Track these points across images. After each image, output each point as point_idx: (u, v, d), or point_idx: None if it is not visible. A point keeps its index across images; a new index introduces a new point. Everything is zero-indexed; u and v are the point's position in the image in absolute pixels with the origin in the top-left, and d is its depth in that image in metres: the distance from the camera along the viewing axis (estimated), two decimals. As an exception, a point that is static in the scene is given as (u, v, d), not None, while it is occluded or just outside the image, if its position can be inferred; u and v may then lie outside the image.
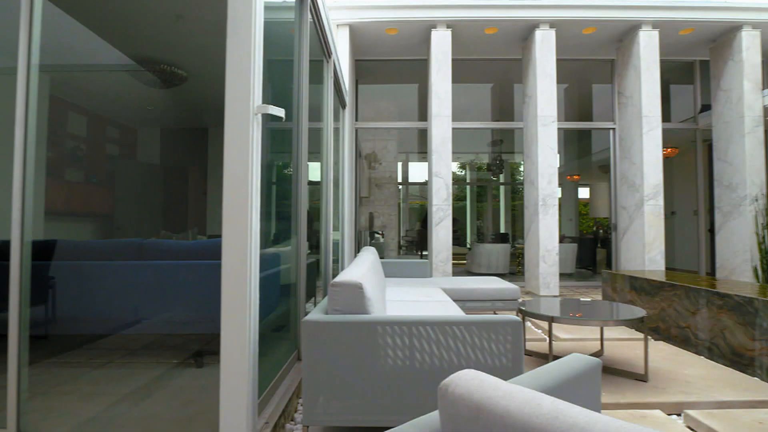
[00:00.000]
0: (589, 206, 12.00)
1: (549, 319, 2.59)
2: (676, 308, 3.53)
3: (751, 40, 5.87)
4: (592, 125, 6.98)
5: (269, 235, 2.76)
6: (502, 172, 12.21)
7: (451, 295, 3.82)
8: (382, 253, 9.90)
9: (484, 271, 8.16)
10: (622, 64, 6.39)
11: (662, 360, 3.04)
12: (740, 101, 5.83)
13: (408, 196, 14.41)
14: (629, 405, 2.28)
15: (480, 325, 1.61)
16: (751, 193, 5.67)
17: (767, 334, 2.70)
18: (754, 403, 2.33)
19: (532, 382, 0.89)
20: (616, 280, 4.43)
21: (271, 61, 2.71)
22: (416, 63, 7.10)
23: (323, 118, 4.44)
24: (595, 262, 8.81)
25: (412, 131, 8.77)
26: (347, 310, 1.67)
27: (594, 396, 1.09)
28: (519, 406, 0.53)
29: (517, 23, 5.96)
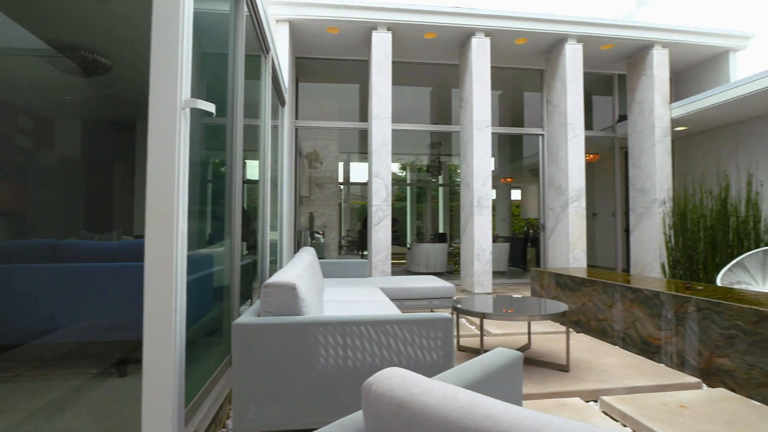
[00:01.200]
0: (520, 207, 12.66)
1: (480, 315, 2.70)
2: (595, 302, 3.81)
3: (661, 58, 6.47)
4: (523, 131, 7.36)
5: (201, 236, 2.64)
6: (441, 173, 12.55)
7: (390, 295, 3.86)
8: (322, 253, 9.81)
9: (423, 270, 8.34)
10: (550, 74, 6.80)
11: (582, 351, 3.28)
12: (651, 113, 6.42)
13: (349, 196, 14.40)
14: (552, 394, 2.43)
15: (413, 324, 1.65)
16: (660, 196, 6.26)
17: (671, 324, 2.99)
18: (659, 387, 2.58)
19: (458, 377, 0.93)
20: (543, 277, 4.71)
21: (204, 53, 2.60)
22: (357, 63, 7.12)
23: (261, 116, 4.32)
24: (525, 260, 9.30)
25: (353, 131, 8.76)
26: (280, 312, 1.64)
27: (516, 386, 1.16)
28: (438, 401, 0.55)
29: (454, 30, 6.15)
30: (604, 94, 7.91)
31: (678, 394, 2.44)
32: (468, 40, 6.32)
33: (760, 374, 2.38)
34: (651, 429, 2.01)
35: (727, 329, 2.58)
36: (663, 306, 3.07)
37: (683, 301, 2.90)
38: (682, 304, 2.91)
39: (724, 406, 2.28)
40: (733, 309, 2.56)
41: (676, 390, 2.55)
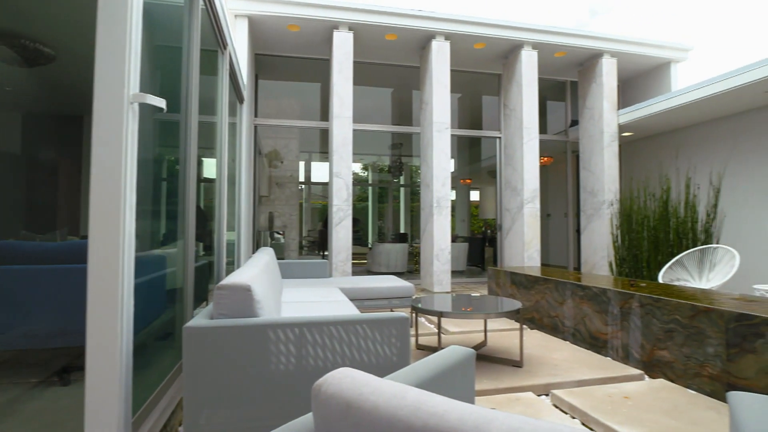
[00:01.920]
0: (479, 208, 12.96)
1: (438, 314, 2.75)
2: (547, 300, 3.96)
3: (609, 67, 6.81)
4: (481, 133, 7.54)
5: (153, 236, 2.54)
6: (402, 174, 12.65)
7: (349, 295, 3.86)
8: (282, 254, 9.66)
9: (384, 270, 8.37)
10: (507, 78, 7.00)
11: (536, 347, 3.39)
12: (601, 118, 6.73)
13: (310, 195, 14.25)
14: (506, 389, 2.50)
15: (369, 324, 1.65)
16: (608, 198, 6.58)
17: (617, 319, 3.15)
18: (605, 380, 2.71)
19: (411, 376, 0.94)
20: (499, 276, 4.84)
21: (156, 46, 2.50)
22: (319, 62, 7.06)
23: (217, 112, 4.21)
24: (483, 259, 9.52)
25: (314, 130, 8.68)
26: (235, 314, 1.60)
27: (469, 383, 1.18)
28: (386, 400, 0.56)
29: (415, 32, 6.22)
30: (557, 100, 8.23)
31: (622, 385, 2.58)
32: (428, 42, 6.41)
33: (695, 365, 2.55)
34: (597, 420, 2.11)
35: (667, 323, 2.75)
36: (610, 302, 3.23)
37: (628, 297, 3.07)
38: (627, 300, 3.07)
39: (664, 395, 2.42)
40: (672, 304, 2.72)
41: (621, 382, 2.69)
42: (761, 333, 2.22)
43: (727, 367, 2.37)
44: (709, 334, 2.49)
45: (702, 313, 2.53)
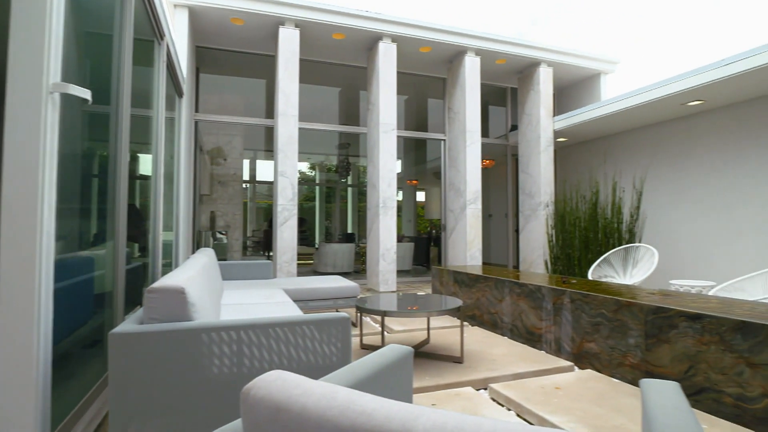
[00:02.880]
0: (425, 208, 13.21)
1: (382, 313, 2.77)
2: (487, 297, 4.11)
3: (546, 75, 7.18)
4: (427, 135, 7.69)
5: (78, 237, 2.36)
6: (350, 174, 12.63)
7: (294, 296, 3.80)
8: (224, 255, 9.33)
9: (330, 270, 8.32)
10: (451, 83, 7.19)
11: (476, 343, 3.51)
12: (538, 124, 7.09)
13: (255, 195, 13.87)
14: (446, 385, 2.57)
15: (310, 324, 1.64)
16: (544, 200, 6.94)
17: (550, 314, 3.33)
18: (539, 372, 2.85)
19: (348, 376, 0.94)
20: (442, 275, 4.96)
21: (83, 33, 2.33)
22: (264, 58, 6.89)
23: (154, 106, 3.99)
24: (429, 259, 9.72)
25: (259, 128, 8.46)
26: (167, 318, 1.53)
27: (406, 380, 1.21)
28: (315, 401, 0.56)
29: (362, 33, 6.23)
30: (499, 105, 8.56)
31: (554, 377, 2.73)
32: (376, 44, 6.44)
33: (619, 355, 2.75)
34: (530, 410, 2.22)
35: (594, 317, 2.95)
36: (544, 299, 3.41)
37: (560, 293, 3.25)
38: (559, 296, 3.25)
39: (591, 385, 2.59)
40: (599, 299, 2.92)
41: (553, 374, 2.85)
42: (675, 324, 2.43)
43: (646, 356, 2.58)
44: (631, 326, 2.69)
45: (625, 307, 2.74)
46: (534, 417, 2.19)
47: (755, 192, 5.31)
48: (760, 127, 5.28)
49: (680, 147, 6.24)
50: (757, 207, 5.27)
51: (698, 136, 6.00)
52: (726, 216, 5.61)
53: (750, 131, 5.39)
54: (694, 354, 2.33)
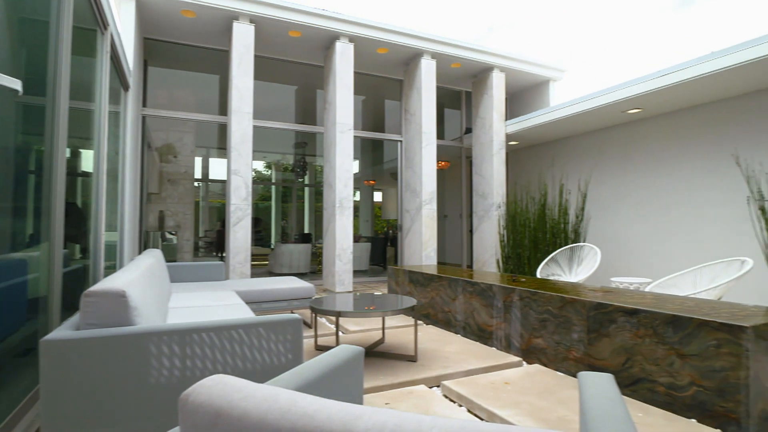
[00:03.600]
0: (382, 209, 13.27)
1: (336, 314, 2.76)
2: (442, 296, 4.19)
3: (499, 80, 7.40)
4: (384, 136, 7.73)
5: (10, 238, 2.20)
6: (306, 173, 12.48)
7: (246, 297, 3.72)
8: (174, 256, 8.96)
9: (286, 271, 8.19)
10: (408, 84, 7.27)
11: (430, 341, 3.57)
12: (491, 128, 7.30)
13: (208, 193, 13.42)
14: (400, 384, 2.60)
15: (260, 327, 1.61)
16: (496, 201, 7.16)
17: (501, 312, 3.44)
18: (490, 368, 2.94)
19: (296, 378, 0.94)
20: (398, 274, 5.01)
21: (14, 18, 2.18)
22: (218, 53, 6.68)
23: (96, 99, 3.78)
24: (385, 259, 9.78)
25: (212, 125, 8.19)
26: (107, 324, 1.45)
27: (357, 380, 1.21)
28: (257, 405, 0.55)
29: (319, 31, 6.18)
30: (454, 108, 8.74)
31: (504, 372, 2.82)
32: (333, 43, 6.41)
33: (564, 350, 2.88)
34: (480, 405, 2.28)
35: (541, 314, 3.07)
36: (495, 297, 3.51)
37: (510, 291, 3.37)
38: (509, 294, 3.37)
39: (538, 378, 2.71)
40: (546, 297, 3.05)
41: (503, 369, 2.95)
42: (614, 319, 2.58)
43: (588, 350, 2.72)
44: (574, 322, 2.83)
45: (569, 303, 2.87)
46: (484, 412, 2.25)
47: (687, 195, 5.72)
48: (693, 134, 5.70)
49: (621, 152, 6.62)
50: (689, 209, 5.68)
51: (637, 142, 6.39)
52: (661, 217, 6.01)
53: (683, 138, 5.80)
54: (630, 347, 2.48)
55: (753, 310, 2.36)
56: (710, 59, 4.54)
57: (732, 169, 5.13)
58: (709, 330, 2.13)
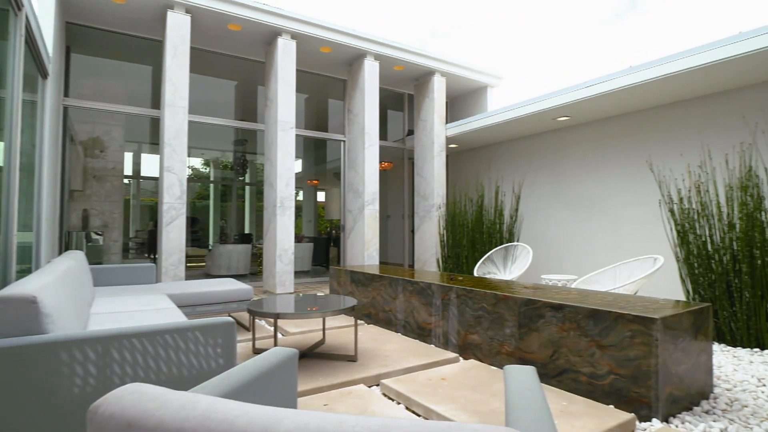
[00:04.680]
0: (325, 209, 13.17)
1: (274, 316, 2.71)
2: (382, 296, 4.23)
3: (440, 85, 7.60)
4: (327, 136, 7.68)
5: None
6: (247, 172, 12.11)
7: (179, 301, 3.55)
8: (101, 258, 8.36)
9: (225, 272, 7.91)
10: (351, 85, 7.27)
11: (370, 340, 3.60)
12: (432, 130, 7.48)
13: (140, 191, 12.63)
14: (339, 384, 2.60)
15: (189, 331, 1.55)
16: (437, 202, 7.34)
17: (439, 310, 3.53)
18: (428, 365, 3.01)
19: (223, 383, 0.91)
20: (340, 275, 5.00)
21: None
22: (150, 43, 6.31)
23: (7, 86, 3.44)
24: (328, 259, 9.71)
25: (144, 119, 7.71)
26: (15, 332, 1.32)
27: (291, 383, 1.20)
28: (173, 414, 0.54)
29: (260, 26, 6.02)
30: (397, 110, 8.86)
31: (441, 368, 2.90)
32: (274, 39, 6.27)
33: (497, 345, 3.01)
34: (418, 402, 2.34)
35: (477, 311, 3.19)
36: (433, 295, 3.61)
37: (447, 290, 3.47)
38: (447, 292, 3.47)
39: (473, 373, 2.81)
40: (481, 294, 3.17)
41: (440, 365, 3.03)
42: (542, 314, 2.74)
43: (519, 344, 2.86)
44: (507, 317, 2.97)
45: (502, 300, 3.01)
46: (421, 408, 2.31)
47: (609, 197, 6.18)
48: (614, 142, 6.17)
49: (552, 157, 7.03)
50: (611, 210, 6.14)
51: (566, 148, 6.82)
52: (587, 218, 6.45)
53: (606, 145, 6.26)
54: (557, 340, 2.64)
55: (663, 304, 2.60)
56: (628, 73, 4.94)
57: (647, 174, 5.61)
58: (625, 322, 2.32)
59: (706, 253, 3.72)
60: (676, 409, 2.27)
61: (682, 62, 4.50)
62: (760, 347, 3.42)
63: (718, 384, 2.70)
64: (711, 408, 2.35)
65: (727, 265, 3.60)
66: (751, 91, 4.85)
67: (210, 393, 0.85)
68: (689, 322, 2.40)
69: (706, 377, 2.52)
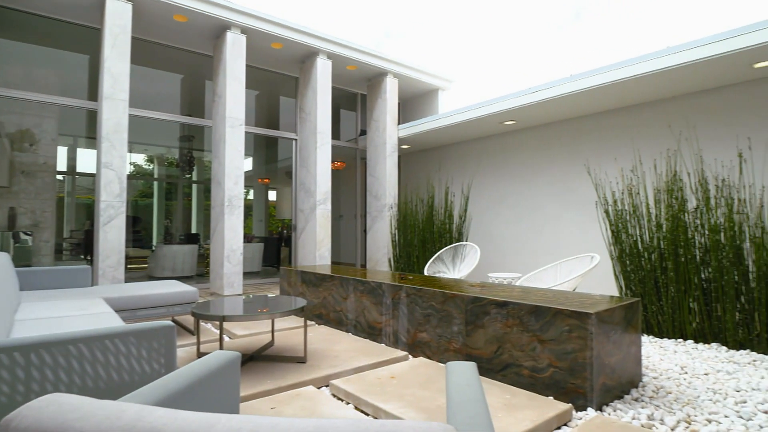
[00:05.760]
0: (276, 208, 12.91)
1: (220, 318, 2.63)
2: (333, 296, 4.21)
3: (392, 86, 7.66)
4: (278, 134, 7.54)
5: None
6: (194, 169, 11.64)
7: (118, 305, 3.36)
8: (29, 259, 7.75)
9: (170, 274, 7.57)
10: (303, 83, 7.18)
11: (321, 341, 3.57)
12: (384, 131, 7.53)
13: (75, 189, 11.82)
14: (288, 386, 2.56)
15: (124, 336, 1.47)
16: (389, 202, 7.40)
17: (389, 309, 3.57)
18: (378, 364, 3.03)
19: (158, 391, 0.88)
20: (290, 275, 4.93)
21: None
22: (88, 31, 5.93)
23: None
24: (279, 259, 9.54)
25: (80, 111, 7.23)
26: None
27: (233, 387, 1.17)
28: (96, 425, 0.51)
29: (208, 19, 5.82)
30: (350, 109, 8.84)
31: (391, 367, 2.93)
32: (223, 33, 6.08)
33: (445, 342, 3.08)
34: (366, 401, 2.35)
35: (426, 309, 3.25)
36: (384, 294, 3.64)
37: (397, 289, 3.51)
38: (397, 291, 3.51)
39: (422, 371, 2.86)
40: (430, 293, 3.24)
41: (390, 364, 3.06)
42: (488, 311, 2.83)
43: (466, 341, 2.95)
44: (454, 315, 3.04)
45: (450, 298, 3.08)
46: (370, 407, 2.32)
47: (552, 199, 6.48)
48: (556, 146, 6.48)
49: (499, 159, 7.28)
50: (553, 211, 6.45)
51: (512, 151, 7.08)
52: (531, 218, 6.74)
53: (548, 149, 6.57)
54: (501, 335, 2.74)
55: (598, 299, 2.76)
56: (569, 81, 5.21)
57: (585, 177, 5.94)
58: (563, 317, 2.45)
59: (637, 251, 4.00)
60: (609, 397, 2.42)
61: (616, 72, 4.81)
62: (683, 338, 3.72)
63: (647, 373, 2.91)
64: (640, 396, 2.52)
65: (655, 263, 3.89)
66: (677, 101, 5.26)
67: (142, 401, 0.82)
68: (621, 316, 2.57)
69: (636, 367, 2.71)
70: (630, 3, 6.08)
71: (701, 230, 3.68)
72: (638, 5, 6.03)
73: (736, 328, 3.44)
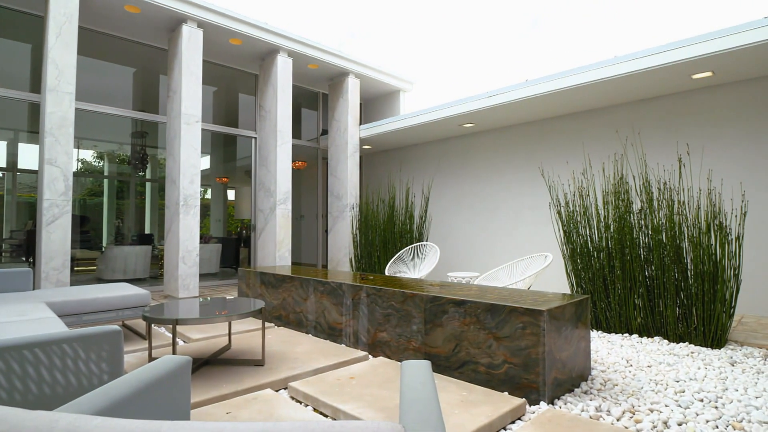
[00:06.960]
0: (235, 208, 12.59)
1: (173, 322, 2.54)
2: (293, 297, 4.16)
3: (354, 86, 7.65)
4: (237, 132, 7.37)
5: None
6: (148, 167, 11.17)
7: (62, 310, 3.18)
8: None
9: (121, 276, 7.23)
10: (263, 80, 7.05)
11: (280, 343, 3.52)
12: (346, 131, 7.51)
13: (16, 186, 11.07)
14: (245, 390, 2.51)
15: (65, 343, 1.40)
16: (350, 202, 7.39)
17: (350, 309, 3.56)
18: (337, 365, 3.02)
19: (100, 399, 0.84)
20: (249, 276, 4.82)
21: None
22: (29, 18, 5.57)
23: None
24: (238, 260, 9.31)
25: (21, 104, 6.78)
26: None
27: (183, 392, 1.14)
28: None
29: (162, 10, 5.60)
30: (311, 108, 8.76)
31: (350, 367, 2.93)
32: (179, 26, 5.87)
33: (404, 341, 3.11)
34: (325, 402, 2.34)
35: (386, 309, 3.27)
36: (344, 295, 3.63)
37: (358, 289, 3.51)
38: (357, 292, 3.51)
39: (381, 371, 2.87)
40: (389, 293, 3.26)
41: (350, 364, 3.05)
42: (446, 310, 2.88)
43: (425, 339, 2.99)
44: (414, 314, 3.08)
45: (409, 298, 3.11)
46: (329, 408, 2.31)
47: (508, 200, 6.68)
48: (513, 149, 6.67)
49: (459, 161, 7.43)
50: (509, 212, 6.64)
51: (471, 153, 7.24)
52: (489, 219, 6.91)
53: (506, 152, 6.76)
54: (459, 334, 2.80)
55: (550, 297, 2.87)
56: (525, 86, 5.39)
57: (539, 179, 6.15)
58: (517, 315, 2.53)
59: (587, 250, 4.18)
60: (560, 391, 2.52)
61: (569, 79, 5.01)
62: (629, 332, 3.92)
63: (595, 366, 3.05)
64: (589, 388, 2.64)
65: (604, 261, 4.08)
66: (624, 108, 5.54)
67: (82, 410, 0.78)
68: (571, 312, 2.68)
69: (585, 361, 2.83)
70: (585, 11, 6.35)
71: (645, 230, 3.89)
72: (593, 12, 6.31)
73: (676, 322, 3.67)
